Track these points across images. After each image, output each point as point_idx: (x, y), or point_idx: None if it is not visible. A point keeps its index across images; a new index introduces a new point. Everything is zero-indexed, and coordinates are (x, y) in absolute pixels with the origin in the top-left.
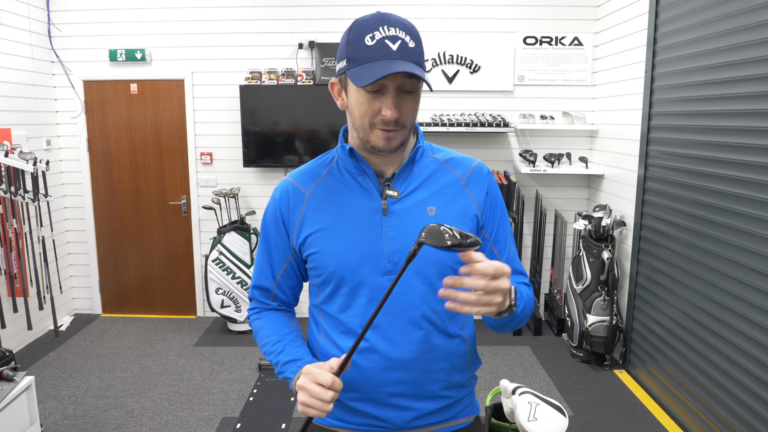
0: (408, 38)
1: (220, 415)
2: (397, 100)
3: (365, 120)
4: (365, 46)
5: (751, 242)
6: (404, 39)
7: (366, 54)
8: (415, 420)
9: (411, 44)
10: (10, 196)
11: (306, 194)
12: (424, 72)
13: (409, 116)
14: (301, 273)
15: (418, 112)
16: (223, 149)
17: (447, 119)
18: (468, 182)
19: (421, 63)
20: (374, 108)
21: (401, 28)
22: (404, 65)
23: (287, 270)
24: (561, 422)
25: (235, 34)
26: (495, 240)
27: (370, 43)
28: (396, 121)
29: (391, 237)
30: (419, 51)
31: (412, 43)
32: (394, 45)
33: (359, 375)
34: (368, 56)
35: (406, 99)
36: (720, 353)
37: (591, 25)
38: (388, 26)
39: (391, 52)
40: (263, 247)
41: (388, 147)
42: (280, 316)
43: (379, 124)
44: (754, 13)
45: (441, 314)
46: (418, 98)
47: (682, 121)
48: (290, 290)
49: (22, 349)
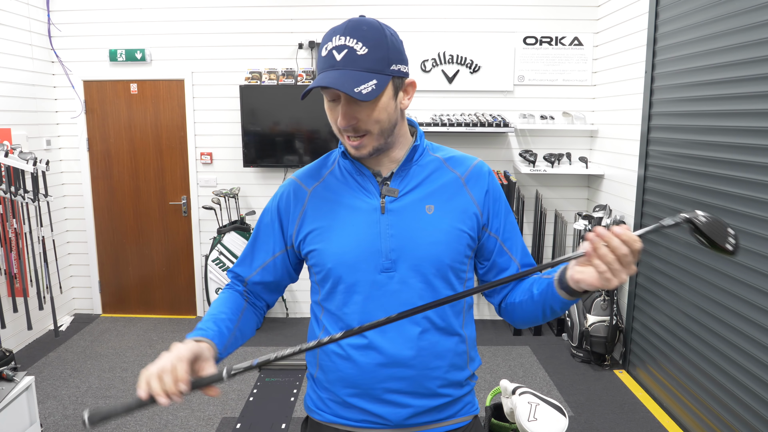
0: (359, 45)
1: (220, 415)
2: (350, 108)
3: (334, 128)
4: (320, 57)
5: (751, 242)
6: (353, 47)
7: (319, 65)
8: (412, 417)
9: (361, 51)
10: (10, 196)
11: (308, 192)
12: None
13: (370, 122)
14: (289, 271)
15: (390, 116)
16: (223, 149)
17: (447, 119)
18: (467, 181)
19: (375, 68)
20: (335, 116)
21: (355, 35)
22: (330, 78)
23: (269, 266)
24: (561, 422)
25: (235, 34)
26: (504, 237)
27: (323, 54)
28: (354, 128)
29: (389, 235)
30: (374, 57)
31: (364, 49)
32: (339, 54)
33: (357, 371)
34: (320, 67)
35: (362, 106)
36: (720, 353)
37: (591, 25)
38: (340, 35)
39: (335, 62)
40: (252, 238)
41: (358, 154)
42: (238, 301)
43: (343, 131)
44: (754, 13)
45: (439, 312)
46: (378, 104)
47: (682, 121)
48: (265, 288)
49: (22, 349)
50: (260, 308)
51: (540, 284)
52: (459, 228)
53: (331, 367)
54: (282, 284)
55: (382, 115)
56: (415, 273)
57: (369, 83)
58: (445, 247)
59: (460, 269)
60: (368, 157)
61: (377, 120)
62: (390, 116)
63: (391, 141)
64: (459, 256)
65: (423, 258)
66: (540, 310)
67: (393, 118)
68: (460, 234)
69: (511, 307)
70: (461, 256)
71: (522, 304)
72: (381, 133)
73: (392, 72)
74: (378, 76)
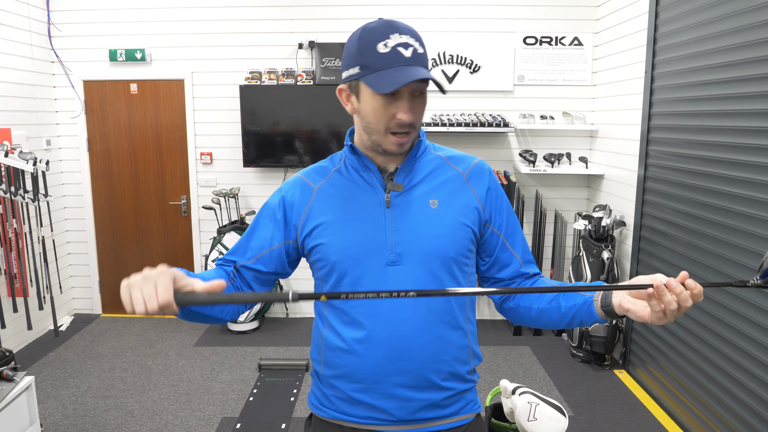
0: (417, 44)
1: (220, 415)
2: (414, 104)
3: (380, 125)
4: (379, 54)
5: (751, 242)
6: (414, 46)
7: (381, 61)
8: (416, 412)
9: (420, 50)
10: (10, 196)
11: (314, 189)
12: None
13: (420, 118)
14: (284, 265)
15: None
16: (223, 149)
17: (447, 119)
18: (469, 178)
19: (428, 67)
20: (389, 113)
21: (411, 35)
22: (422, 72)
23: (264, 257)
24: (561, 422)
25: (235, 34)
26: (506, 234)
27: (383, 51)
28: (412, 124)
29: (394, 229)
30: (426, 56)
31: (421, 49)
32: (407, 51)
33: (362, 365)
34: (383, 63)
35: (418, 102)
36: (720, 353)
37: (591, 25)
38: (399, 33)
39: (405, 59)
40: (248, 231)
41: (400, 151)
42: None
43: (394, 127)
44: (754, 13)
45: (445, 305)
46: (425, 100)
47: (682, 121)
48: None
49: (22, 349)
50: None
51: (571, 298)
52: (462, 222)
53: (336, 362)
54: (273, 277)
55: (424, 112)
56: (421, 266)
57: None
58: (449, 240)
59: (464, 262)
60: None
61: (422, 116)
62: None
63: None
64: (463, 250)
65: (428, 251)
66: (566, 321)
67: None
68: (464, 228)
69: (525, 310)
70: (465, 249)
71: (544, 312)
72: (419, 129)
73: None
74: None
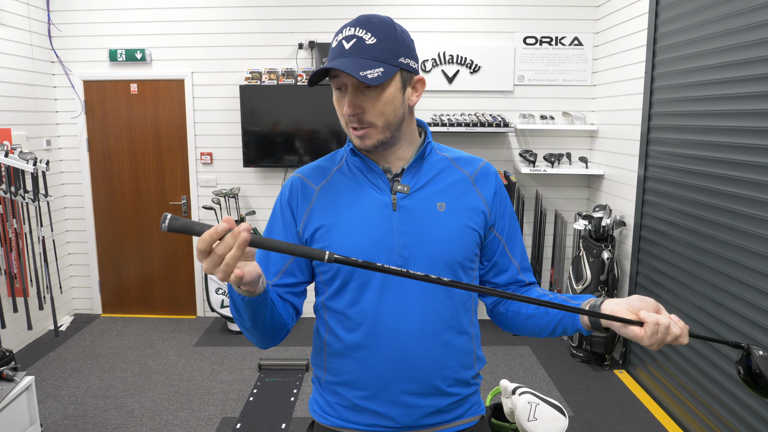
0: (368, 35)
1: (220, 415)
2: (356, 98)
3: (342, 119)
4: (330, 49)
5: (751, 242)
6: (362, 37)
7: (329, 56)
8: (422, 418)
9: (370, 41)
10: (10, 196)
11: (315, 190)
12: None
13: (374, 113)
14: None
15: (396, 110)
16: (223, 149)
17: (447, 119)
18: (476, 180)
19: (382, 58)
20: (341, 106)
21: (365, 26)
22: (337, 63)
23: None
24: (561, 422)
25: (235, 34)
26: (507, 239)
27: (333, 45)
28: (359, 118)
29: (401, 232)
30: (382, 47)
31: (372, 39)
32: (348, 44)
33: (367, 372)
34: (329, 57)
35: (368, 95)
36: (720, 353)
37: (591, 25)
38: (351, 27)
39: (343, 51)
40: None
41: (362, 145)
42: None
43: (349, 122)
44: (754, 13)
45: (451, 309)
46: (384, 94)
47: (682, 121)
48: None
49: (22, 349)
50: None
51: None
52: (470, 226)
53: (340, 369)
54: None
55: (387, 108)
56: (428, 270)
57: (375, 70)
58: (457, 244)
59: (470, 267)
60: (373, 149)
61: (382, 112)
62: (396, 110)
63: (398, 137)
64: (469, 254)
65: (436, 255)
66: (551, 328)
67: (399, 113)
68: (471, 232)
69: (514, 315)
70: (471, 253)
71: (532, 318)
72: (386, 126)
73: (400, 64)
74: (385, 65)
